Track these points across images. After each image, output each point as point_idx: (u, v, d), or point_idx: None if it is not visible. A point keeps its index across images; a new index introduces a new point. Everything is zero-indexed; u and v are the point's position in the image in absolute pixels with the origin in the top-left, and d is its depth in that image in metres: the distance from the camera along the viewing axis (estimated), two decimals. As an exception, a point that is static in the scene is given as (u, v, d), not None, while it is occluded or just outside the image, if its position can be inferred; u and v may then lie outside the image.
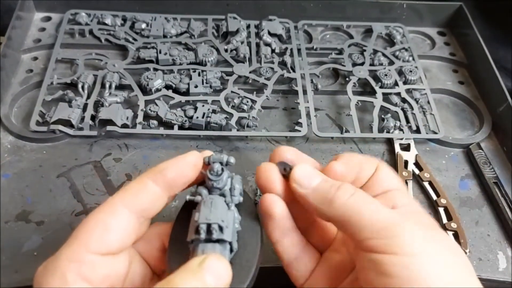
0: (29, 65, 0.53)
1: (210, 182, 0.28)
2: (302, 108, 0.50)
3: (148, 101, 0.49)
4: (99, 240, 0.25)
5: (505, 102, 0.50)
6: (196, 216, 0.26)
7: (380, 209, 0.26)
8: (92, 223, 0.25)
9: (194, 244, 0.26)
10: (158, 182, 0.27)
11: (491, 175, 0.47)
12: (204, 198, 0.27)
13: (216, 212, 0.26)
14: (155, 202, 0.28)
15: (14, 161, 0.44)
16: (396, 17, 0.63)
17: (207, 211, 0.26)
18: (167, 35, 0.57)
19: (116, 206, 0.26)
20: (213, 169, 0.28)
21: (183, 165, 0.28)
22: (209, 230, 0.26)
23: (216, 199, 0.27)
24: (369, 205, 0.26)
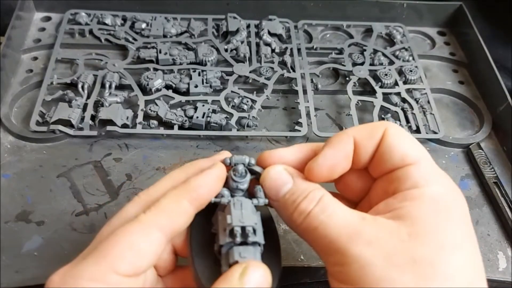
0: (29, 65, 0.53)
1: (234, 183, 0.28)
2: (302, 107, 0.50)
3: (148, 101, 0.49)
4: (130, 264, 0.23)
5: (505, 101, 0.50)
6: (229, 218, 0.26)
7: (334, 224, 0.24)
8: (124, 245, 0.24)
9: (227, 247, 0.26)
10: (191, 201, 0.26)
11: (491, 175, 0.47)
12: (231, 200, 0.27)
13: (248, 214, 0.26)
14: (187, 222, 0.27)
15: (14, 161, 0.44)
16: (396, 17, 0.63)
17: (238, 214, 0.26)
18: (167, 35, 0.57)
19: (151, 229, 0.24)
20: (237, 170, 0.28)
21: (212, 181, 0.27)
22: (244, 233, 0.25)
23: (245, 201, 0.27)
24: (324, 224, 0.24)
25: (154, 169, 0.45)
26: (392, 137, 0.26)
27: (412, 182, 0.25)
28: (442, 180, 0.25)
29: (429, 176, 0.25)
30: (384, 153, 0.26)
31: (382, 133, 0.26)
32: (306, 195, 0.25)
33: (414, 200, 0.24)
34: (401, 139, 0.26)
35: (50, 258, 0.37)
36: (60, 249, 0.38)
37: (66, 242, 0.38)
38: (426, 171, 0.25)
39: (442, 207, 0.24)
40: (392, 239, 0.22)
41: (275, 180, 0.27)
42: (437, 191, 0.24)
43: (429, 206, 0.23)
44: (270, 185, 0.27)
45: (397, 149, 0.26)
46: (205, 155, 0.47)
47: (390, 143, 0.26)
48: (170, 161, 0.46)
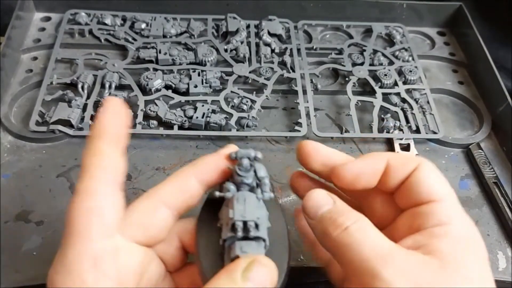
0: (28, 65, 0.53)
1: (239, 178, 0.27)
2: (302, 108, 0.50)
3: (148, 101, 0.49)
4: (141, 230, 0.25)
5: (505, 102, 0.50)
6: (231, 213, 0.25)
7: (371, 245, 0.24)
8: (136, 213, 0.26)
9: (229, 242, 0.25)
10: (198, 178, 0.27)
11: (491, 175, 0.47)
12: (235, 194, 0.27)
13: (251, 209, 0.26)
14: (195, 199, 0.28)
15: (14, 161, 0.44)
16: (396, 17, 0.63)
17: (241, 208, 0.26)
18: (167, 35, 0.57)
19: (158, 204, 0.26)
20: (242, 164, 0.28)
21: (218, 158, 0.28)
22: (246, 228, 0.25)
23: (249, 196, 0.27)
24: (356, 241, 0.24)
25: (154, 169, 0.45)
26: (423, 172, 0.27)
27: (437, 219, 0.26)
28: (464, 219, 0.26)
29: (453, 214, 0.26)
30: (412, 185, 0.27)
31: (415, 166, 0.27)
32: (345, 213, 0.26)
33: (441, 237, 0.25)
34: (431, 175, 0.27)
35: (49, 258, 0.37)
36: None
37: (66, 242, 0.38)
38: (451, 209, 0.26)
39: (468, 245, 0.25)
40: (424, 271, 0.23)
41: (317, 200, 0.27)
42: (462, 230, 0.25)
43: (456, 243, 0.25)
44: (311, 204, 0.27)
45: (425, 184, 0.27)
46: (205, 155, 0.46)
47: (420, 177, 0.27)
48: (170, 161, 0.46)
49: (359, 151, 0.49)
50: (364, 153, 0.48)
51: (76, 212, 0.24)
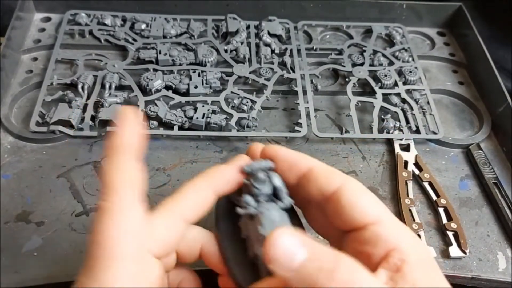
0: (29, 65, 0.53)
1: (257, 190, 0.28)
2: (302, 108, 0.50)
3: (148, 102, 0.49)
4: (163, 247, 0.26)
5: (504, 102, 0.50)
6: (261, 230, 0.26)
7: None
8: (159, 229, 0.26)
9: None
10: (214, 191, 0.28)
11: (491, 176, 0.47)
12: (259, 210, 0.27)
13: (278, 222, 0.27)
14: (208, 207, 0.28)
15: (14, 161, 0.44)
16: (395, 18, 0.63)
17: (269, 224, 0.26)
18: (167, 35, 0.57)
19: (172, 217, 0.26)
20: (258, 178, 0.28)
21: (234, 172, 0.28)
22: None
23: (272, 208, 0.27)
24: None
25: (154, 170, 0.45)
26: (351, 193, 0.27)
27: (385, 245, 0.25)
28: (407, 233, 0.26)
29: (397, 234, 0.26)
30: (344, 209, 0.26)
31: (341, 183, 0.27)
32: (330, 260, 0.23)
33: (406, 268, 0.24)
34: (361, 196, 0.27)
35: (50, 259, 0.37)
36: (60, 250, 0.38)
37: (66, 242, 0.38)
38: (392, 229, 0.26)
39: (428, 264, 0.25)
40: None
41: (286, 247, 0.23)
42: (414, 250, 0.25)
43: (421, 269, 0.24)
44: (280, 254, 0.22)
45: (358, 207, 0.26)
46: (205, 155, 0.47)
47: (350, 199, 0.26)
48: (170, 162, 0.46)
49: (359, 151, 0.49)
50: (364, 153, 0.49)
51: (109, 233, 0.24)
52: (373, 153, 0.49)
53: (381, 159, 0.48)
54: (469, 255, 0.41)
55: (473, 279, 0.40)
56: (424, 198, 0.45)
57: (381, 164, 0.48)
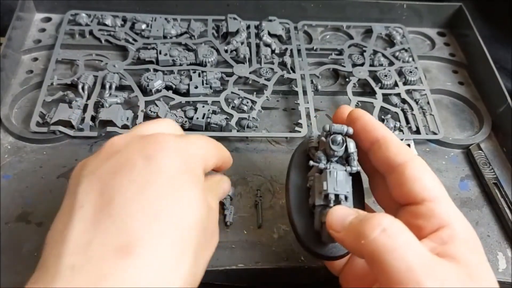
0: (29, 65, 0.53)
1: (331, 151, 0.31)
2: (302, 108, 0.50)
3: (148, 102, 0.49)
4: None
5: (505, 102, 0.50)
6: (325, 185, 0.29)
7: (414, 254, 0.24)
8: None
9: (321, 208, 0.30)
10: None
11: (491, 176, 0.47)
12: (327, 167, 0.31)
13: (342, 183, 0.30)
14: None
15: (14, 162, 0.44)
16: (396, 18, 0.63)
17: (333, 182, 0.29)
18: (167, 35, 0.57)
19: None
20: (335, 140, 0.31)
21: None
22: (337, 199, 0.29)
23: (339, 169, 0.30)
24: (400, 247, 0.24)
25: (154, 170, 0.45)
26: (416, 169, 0.29)
27: (437, 221, 0.27)
28: (461, 217, 0.28)
29: (451, 214, 0.28)
30: (407, 182, 0.28)
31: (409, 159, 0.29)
32: (374, 215, 0.26)
33: (452, 242, 0.26)
34: (425, 173, 0.29)
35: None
36: (60, 250, 0.38)
37: (66, 243, 0.38)
38: (448, 209, 0.28)
39: (474, 245, 0.27)
40: (459, 280, 0.24)
41: (341, 212, 0.28)
42: (464, 230, 0.27)
43: (467, 247, 0.26)
44: (336, 217, 0.28)
45: (420, 183, 0.28)
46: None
47: (414, 174, 0.29)
48: (170, 162, 0.46)
49: (359, 151, 0.49)
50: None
51: None
52: (373, 153, 0.49)
53: (381, 159, 0.48)
54: (469, 255, 0.41)
55: (473, 279, 0.40)
56: (424, 198, 0.45)
57: (381, 165, 0.48)
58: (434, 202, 0.28)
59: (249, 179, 0.45)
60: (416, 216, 0.28)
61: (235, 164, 0.46)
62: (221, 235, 0.32)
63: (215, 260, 0.38)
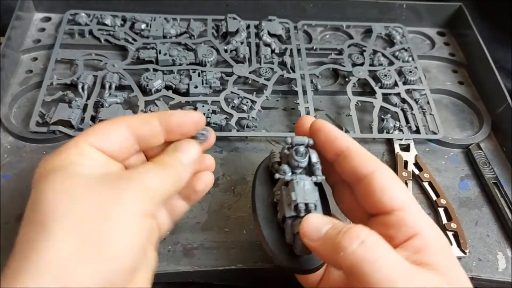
0: (28, 65, 0.53)
1: (295, 162, 0.31)
2: (302, 108, 0.50)
3: (148, 102, 0.49)
4: (100, 140, 0.28)
5: (504, 102, 0.50)
6: (293, 195, 0.30)
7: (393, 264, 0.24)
8: (97, 128, 0.29)
9: (292, 220, 0.30)
10: (162, 123, 0.30)
11: (491, 176, 0.47)
12: (293, 178, 0.31)
13: (310, 192, 0.30)
14: (152, 136, 0.30)
15: (14, 161, 0.44)
16: (395, 18, 0.63)
17: (301, 192, 0.30)
18: (167, 35, 0.57)
19: (121, 122, 0.30)
20: (298, 151, 0.31)
21: (187, 119, 0.31)
22: (307, 209, 0.29)
23: (306, 180, 0.31)
24: (379, 259, 0.24)
25: (154, 170, 0.45)
26: (383, 179, 0.29)
27: (408, 230, 0.27)
28: (430, 224, 0.28)
29: (421, 222, 0.27)
30: (374, 193, 0.28)
31: (375, 169, 0.29)
32: (350, 227, 0.26)
33: (425, 251, 0.26)
34: (392, 183, 0.29)
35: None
36: (60, 250, 0.38)
37: (66, 242, 0.38)
38: (417, 217, 0.28)
39: (447, 252, 0.27)
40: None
41: (316, 221, 0.28)
42: (434, 237, 0.27)
43: (440, 255, 0.26)
44: (311, 226, 0.27)
45: (388, 193, 0.28)
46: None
47: (382, 184, 0.28)
48: (170, 162, 0.46)
49: (359, 151, 0.49)
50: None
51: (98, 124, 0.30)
52: (373, 153, 0.48)
53: (381, 159, 0.48)
54: (469, 255, 0.41)
55: (472, 279, 0.40)
56: (424, 198, 0.45)
57: (381, 164, 0.48)
58: (403, 211, 0.27)
59: (249, 179, 0.45)
60: (387, 226, 0.28)
61: (234, 164, 0.46)
62: (221, 235, 0.32)
63: (215, 260, 0.38)
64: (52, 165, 0.26)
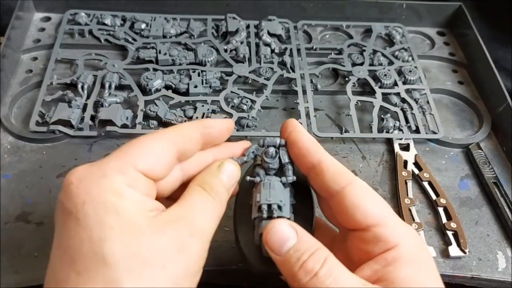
0: (28, 65, 0.53)
1: (266, 164, 0.32)
2: (302, 108, 0.50)
3: (148, 101, 0.49)
4: (146, 163, 0.27)
5: (504, 102, 0.50)
6: (258, 197, 0.30)
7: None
8: (142, 146, 0.27)
9: (257, 221, 0.30)
10: (202, 136, 0.30)
11: (491, 175, 0.47)
12: (262, 180, 0.31)
13: (275, 193, 0.30)
14: (192, 151, 0.30)
15: (14, 161, 0.44)
16: (395, 17, 0.63)
17: (266, 193, 0.30)
18: (167, 35, 0.57)
19: (165, 139, 0.28)
20: (268, 152, 0.32)
21: (225, 131, 0.32)
22: (270, 209, 0.29)
23: (274, 181, 0.31)
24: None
25: (154, 170, 0.45)
26: (356, 195, 0.28)
27: (384, 244, 0.27)
28: (409, 234, 0.27)
29: (398, 235, 0.27)
30: (348, 209, 0.28)
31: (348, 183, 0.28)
32: (312, 253, 0.26)
33: (396, 263, 0.26)
34: (365, 198, 0.28)
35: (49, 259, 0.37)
36: (60, 250, 0.38)
37: (66, 242, 0.38)
38: (394, 231, 0.27)
39: (420, 265, 0.26)
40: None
41: (278, 235, 0.27)
42: (410, 250, 0.27)
43: (411, 267, 0.26)
44: (273, 239, 0.27)
45: (361, 209, 0.27)
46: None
47: (355, 200, 0.28)
48: (170, 162, 0.46)
49: (359, 151, 0.49)
50: (364, 153, 0.49)
51: (142, 139, 0.28)
52: (373, 152, 0.49)
53: (381, 158, 0.48)
54: (469, 254, 0.41)
55: (472, 278, 0.40)
56: (424, 197, 0.45)
57: (381, 164, 0.48)
58: (379, 226, 0.27)
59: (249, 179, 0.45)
60: (364, 242, 0.27)
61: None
62: (221, 235, 0.32)
63: (215, 260, 0.38)
64: (98, 192, 0.24)
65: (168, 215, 0.26)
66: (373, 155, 0.48)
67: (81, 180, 0.25)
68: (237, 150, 0.33)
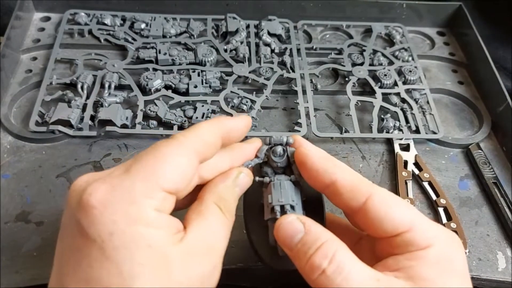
0: (28, 65, 0.53)
1: (274, 163, 0.31)
2: (302, 108, 0.50)
3: (148, 101, 0.49)
4: (175, 183, 0.25)
5: (504, 102, 0.50)
6: (269, 198, 0.30)
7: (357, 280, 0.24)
8: (170, 164, 0.25)
9: (271, 222, 0.30)
10: (223, 139, 0.29)
11: (491, 175, 0.47)
12: (272, 179, 0.31)
13: (286, 193, 0.30)
14: (212, 155, 0.29)
15: (14, 161, 0.44)
16: (395, 17, 0.63)
17: (278, 193, 0.30)
18: (167, 35, 0.57)
19: (191, 152, 0.26)
20: (276, 151, 0.31)
21: (244, 129, 0.31)
22: (283, 210, 0.29)
23: (283, 180, 0.31)
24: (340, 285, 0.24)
25: (154, 170, 0.45)
26: (380, 206, 0.27)
27: (414, 246, 0.26)
28: (440, 235, 0.27)
29: (430, 237, 0.26)
30: (374, 222, 0.27)
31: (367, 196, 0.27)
32: (319, 246, 0.26)
33: (420, 260, 0.25)
34: (389, 207, 0.27)
35: (49, 259, 0.37)
36: (60, 250, 0.38)
37: (66, 242, 0.38)
38: (425, 233, 0.26)
39: (446, 266, 0.26)
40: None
41: (287, 230, 0.27)
42: (441, 250, 0.26)
43: (435, 267, 0.25)
44: (283, 235, 0.27)
45: (388, 219, 0.27)
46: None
47: (380, 212, 0.27)
48: (170, 162, 0.46)
49: (359, 151, 0.49)
50: (364, 153, 0.48)
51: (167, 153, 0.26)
52: (373, 152, 0.49)
53: (381, 158, 0.48)
54: (469, 254, 0.41)
55: (472, 279, 0.40)
56: (424, 197, 0.45)
57: (381, 164, 0.48)
58: (409, 231, 0.26)
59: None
60: (394, 247, 0.27)
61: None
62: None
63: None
64: (127, 222, 0.23)
65: (192, 242, 0.25)
66: (373, 155, 0.48)
67: (106, 206, 0.23)
68: (251, 152, 0.32)
